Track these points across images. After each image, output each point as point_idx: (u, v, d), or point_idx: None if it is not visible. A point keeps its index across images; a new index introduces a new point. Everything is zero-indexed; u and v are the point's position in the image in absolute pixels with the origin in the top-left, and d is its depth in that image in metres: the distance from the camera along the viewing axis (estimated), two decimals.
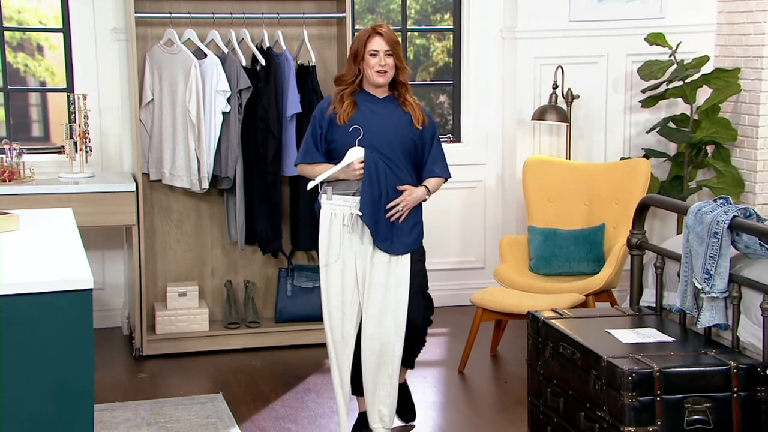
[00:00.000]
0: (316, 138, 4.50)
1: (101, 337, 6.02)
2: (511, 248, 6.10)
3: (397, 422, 4.75)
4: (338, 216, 4.42)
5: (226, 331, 6.02)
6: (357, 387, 4.66)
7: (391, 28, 4.53)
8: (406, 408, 4.84)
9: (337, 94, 4.51)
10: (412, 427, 4.83)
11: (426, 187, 4.51)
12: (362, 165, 4.36)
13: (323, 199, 4.45)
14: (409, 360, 4.72)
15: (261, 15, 5.94)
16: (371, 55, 4.42)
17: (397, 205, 4.41)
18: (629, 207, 5.68)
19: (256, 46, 5.91)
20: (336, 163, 4.42)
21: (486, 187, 6.85)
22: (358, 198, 4.39)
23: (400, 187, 4.43)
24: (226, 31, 5.91)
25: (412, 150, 4.49)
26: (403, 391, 4.81)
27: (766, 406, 3.93)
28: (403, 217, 4.43)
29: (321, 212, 4.47)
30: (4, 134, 6.23)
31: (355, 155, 4.38)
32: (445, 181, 4.63)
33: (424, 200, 4.52)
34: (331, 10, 6.12)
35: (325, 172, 4.42)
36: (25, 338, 3.03)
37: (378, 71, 4.42)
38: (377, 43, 4.41)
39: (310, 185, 4.46)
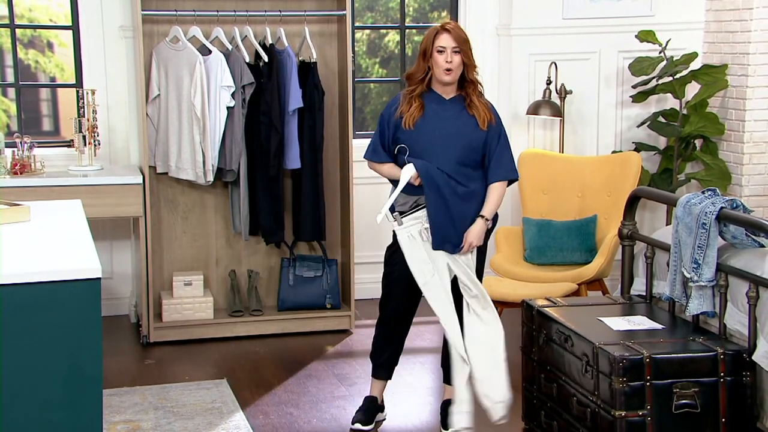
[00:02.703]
0: (384, 138, 4.44)
1: (110, 324, 6.03)
2: (507, 239, 6.10)
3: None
4: (415, 236, 4.36)
5: (230, 319, 6.03)
6: (379, 369, 4.69)
7: (460, 26, 4.42)
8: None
9: (406, 95, 4.43)
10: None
11: (482, 216, 4.38)
12: (418, 177, 4.31)
13: (395, 226, 4.38)
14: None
15: (264, 13, 5.93)
16: (438, 51, 4.31)
17: (467, 246, 4.37)
18: (620, 199, 5.69)
19: (259, 43, 5.90)
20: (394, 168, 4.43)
21: None
22: (423, 209, 4.35)
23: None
24: (230, 28, 5.90)
25: (478, 152, 4.39)
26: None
27: (752, 391, 3.94)
28: (474, 247, 4.39)
29: (399, 238, 4.39)
30: (16, 128, 6.22)
31: (408, 174, 4.32)
32: (511, 182, 4.50)
33: (489, 227, 4.43)
34: (331, 7, 6.10)
35: (389, 198, 4.38)
36: (35, 325, 3.03)
37: (445, 69, 4.32)
38: (444, 40, 4.31)
39: (379, 218, 4.35)
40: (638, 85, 6.54)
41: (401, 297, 4.53)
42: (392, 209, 4.39)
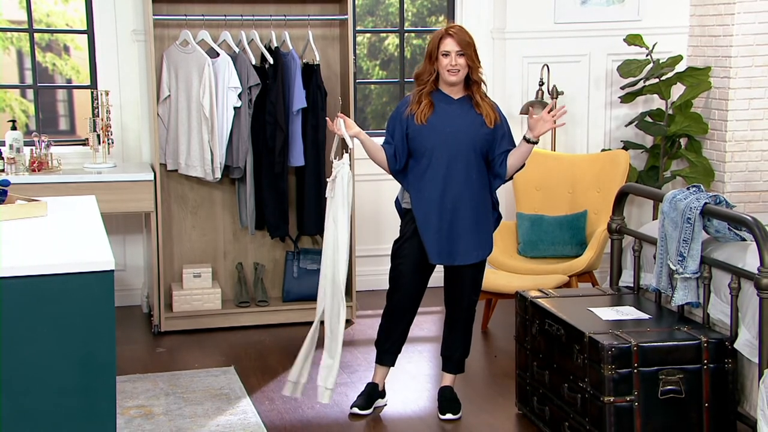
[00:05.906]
0: (394, 131, 4.42)
1: (123, 314, 6.03)
2: (501, 233, 6.09)
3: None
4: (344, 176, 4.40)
5: (238, 310, 6.03)
6: (383, 356, 4.69)
7: (464, 29, 4.39)
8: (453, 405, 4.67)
9: (415, 94, 4.43)
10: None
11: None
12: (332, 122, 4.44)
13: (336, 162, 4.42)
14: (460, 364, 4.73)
15: (269, 17, 5.92)
16: (443, 55, 4.32)
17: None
18: (609, 195, 5.69)
19: (265, 46, 5.90)
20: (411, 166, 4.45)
21: None
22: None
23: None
24: (237, 32, 5.90)
25: (484, 150, 4.40)
26: (451, 392, 4.71)
27: (733, 377, 3.95)
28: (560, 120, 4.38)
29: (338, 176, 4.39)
30: (34, 127, 6.22)
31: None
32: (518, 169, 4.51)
33: (531, 142, 4.34)
34: (333, 12, 6.10)
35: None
36: (52, 315, 3.03)
37: (450, 71, 4.32)
38: (449, 44, 4.31)
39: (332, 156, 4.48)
40: (626, 87, 6.53)
41: (407, 288, 4.53)
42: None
